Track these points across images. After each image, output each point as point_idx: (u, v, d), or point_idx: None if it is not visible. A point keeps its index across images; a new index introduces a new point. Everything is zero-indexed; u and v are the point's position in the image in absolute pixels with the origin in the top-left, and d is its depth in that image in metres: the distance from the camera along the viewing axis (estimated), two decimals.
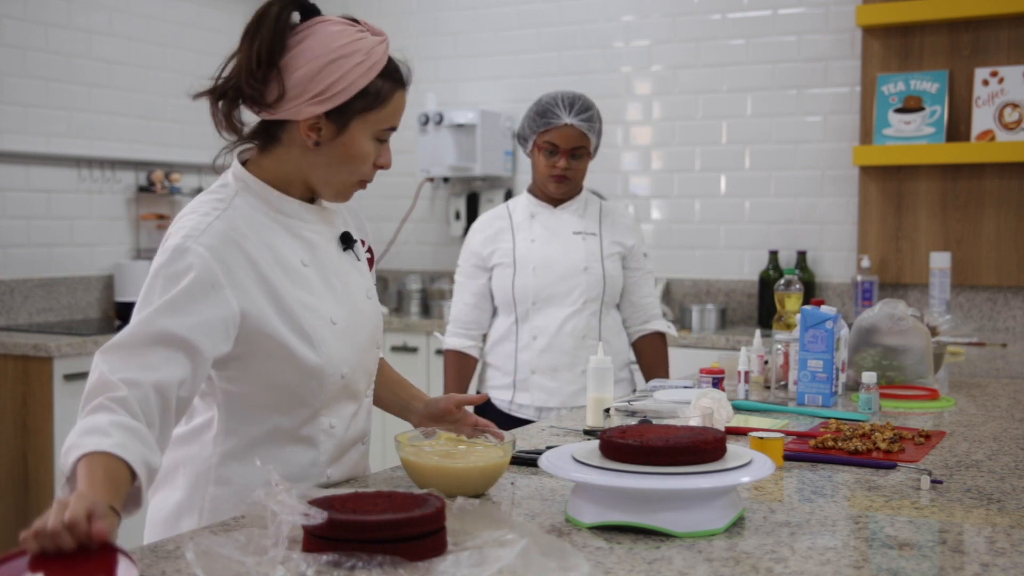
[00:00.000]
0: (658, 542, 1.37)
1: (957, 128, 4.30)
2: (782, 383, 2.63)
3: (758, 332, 2.83)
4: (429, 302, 5.11)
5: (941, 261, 4.18)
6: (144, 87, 4.85)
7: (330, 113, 1.61)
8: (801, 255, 4.56)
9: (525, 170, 5.11)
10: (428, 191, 5.35)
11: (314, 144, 1.63)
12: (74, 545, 1.19)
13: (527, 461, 1.79)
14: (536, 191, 3.07)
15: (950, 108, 4.30)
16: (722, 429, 1.73)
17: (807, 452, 1.89)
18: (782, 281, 2.97)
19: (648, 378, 3.12)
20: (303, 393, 1.65)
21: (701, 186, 4.84)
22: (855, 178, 4.54)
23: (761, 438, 1.78)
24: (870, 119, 4.43)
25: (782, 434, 1.82)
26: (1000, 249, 4.28)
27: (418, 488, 1.59)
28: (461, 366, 3.06)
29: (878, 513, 1.54)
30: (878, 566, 1.30)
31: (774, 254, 4.62)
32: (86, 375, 4.30)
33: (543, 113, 2.94)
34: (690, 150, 4.86)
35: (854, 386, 2.61)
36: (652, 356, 3.11)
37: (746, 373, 2.49)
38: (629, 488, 1.38)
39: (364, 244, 1.85)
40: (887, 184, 4.45)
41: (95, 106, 4.63)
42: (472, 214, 5.16)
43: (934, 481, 1.69)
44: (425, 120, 5.02)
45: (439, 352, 4.55)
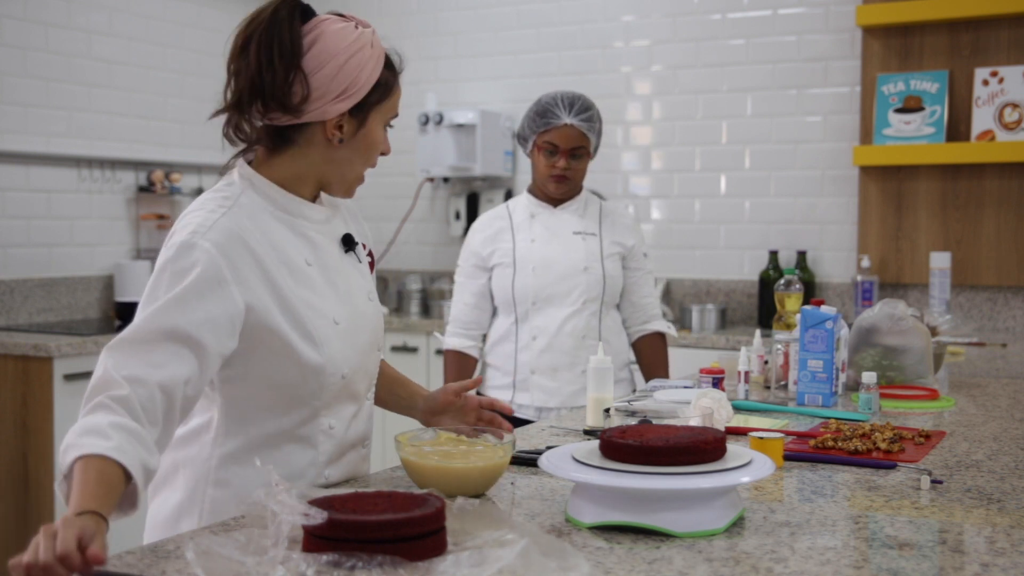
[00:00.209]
0: (658, 542, 1.37)
1: (957, 128, 4.30)
2: (782, 383, 2.63)
3: (758, 332, 2.83)
4: (429, 302, 5.11)
5: (941, 261, 4.18)
6: (144, 87, 4.85)
7: (352, 109, 1.64)
8: (801, 255, 4.56)
9: (525, 170, 5.11)
10: (428, 191, 5.35)
11: (338, 142, 1.65)
12: (66, 573, 1.17)
13: (527, 461, 1.79)
14: (536, 191, 3.07)
15: (950, 108, 4.30)
16: (722, 429, 1.73)
17: (807, 452, 1.89)
18: (782, 281, 2.97)
19: (648, 378, 3.12)
20: (303, 393, 1.66)
21: (701, 186, 4.84)
22: (855, 178, 4.54)
23: (761, 438, 1.78)
24: (870, 119, 4.43)
25: (782, 434, 1.82)
26: (1000, 249, 4.28)
27: (418, 488, 1.59)
28: (461, 366, 3.06)
29: (878, 513, 1.54)
30: (878, 566, 1.30)
31: (774, 254, 4.62)
32: (86, 375, 4.28)
33: (543, 113, 2.94)
34: (690, 150, 4.86)
35: (854, 386, 2.61)
36: (652, 356, 3.11)
37: (746, 373, 2.49)
38: (629, 488, 1.38)
39: (365, 248, 1.86)
40: (887, 184, 4.45)
41: (95, 106, 4.62)
42: (472, 214, 5.16)
43: (934, 481, 1.69)
44: (425, 120, 5.02)
45: (439, 352, 4.55)
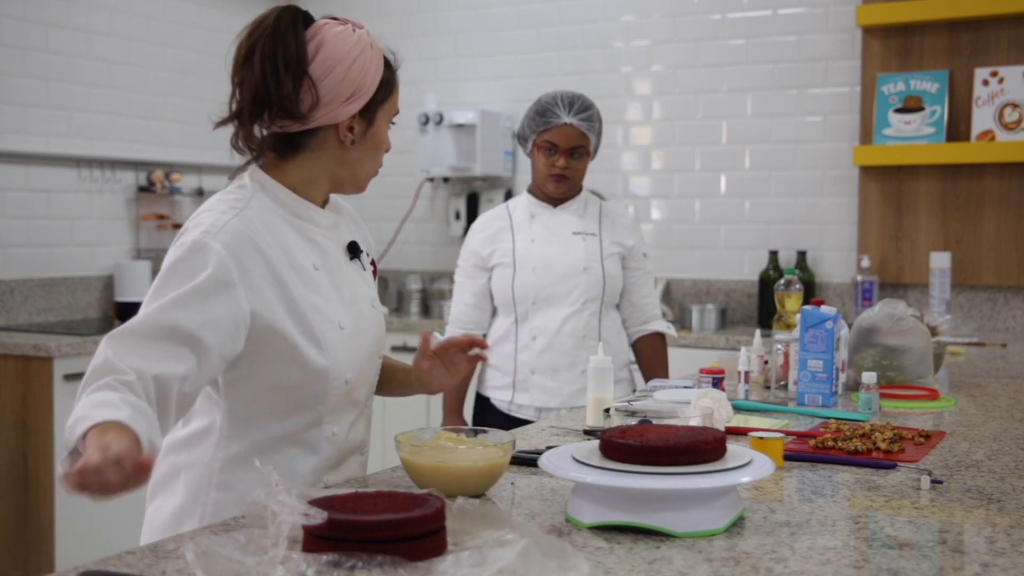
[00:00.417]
0: (658, 542, 1.37)
1: (957, 128, 4.30)
2: (782, 383, 2.62)
3: (758, 332, 2.83)
4: (429, 302, 5.11)
5: (941, 261, 4.18)
6: (144, 87, 4.85)
7: (361, 109, 1.68)
8: (801, 255, 4.56)
9: (525, 170, 5.11)
10: (428, 191, 5.35)
11: (350, 143, 1.69)
12: (118, 481, 1.21)
13: (527, 461, 1.79)
14: (536, 191, 3.07)
15: (950, 108, 4.30)
16: (722, 429, 1.73)
17: (807, 452, 1.89)
18: (782, 281, 2.97)
19: (647, 378, 3.12)
20: (307, 397, 1.67)
21: (701, 186, 4.84)
22: (855, 178, 4.54)
23: (761, 438, 1.78)
24: (870, 119, 4.43)
25: (782, 434, 1.82)
26: (1000, 249, 4.28)
27: (418, 488, 1.59)
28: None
29: (878, 513, 1.54)
30: (878, 566, 1.30)
31: (774, 254, 4.61)
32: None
33: (542, 112, 2.94)
34: (690, 150, 4.86)
35: (854, 386, 2.61)
36: (652, 356, 3.11)
37: (746, 373, 2.48)
38: (629, 488, 1.38)
39: (368, 256, 1.87)
40: (887, 184, 4.45)
41: (95, 106, 4.62)
42: (472, 214, 5.15)
43: (934, 481, 1.69)
44: (425, 120, 5.02)
45: None
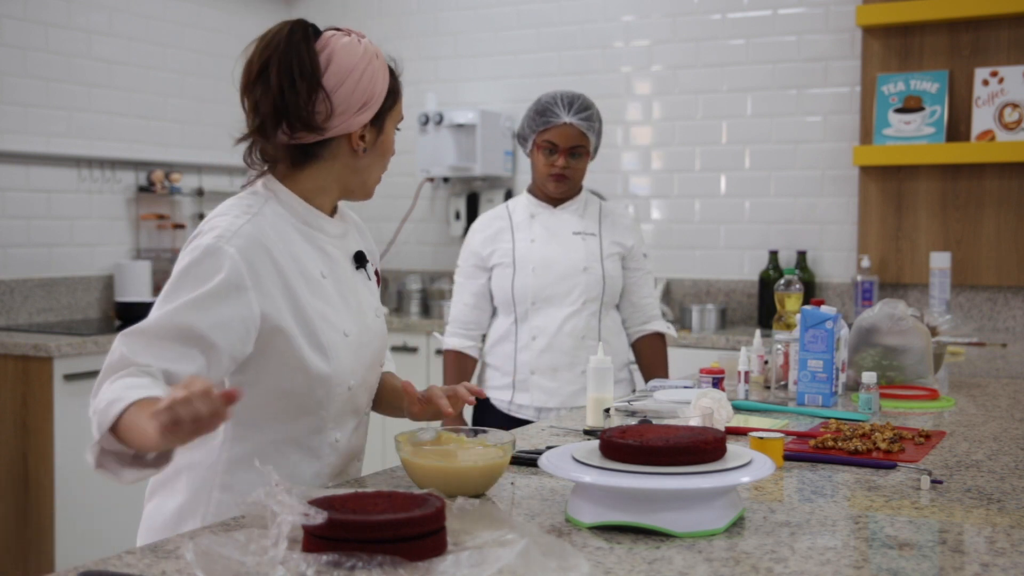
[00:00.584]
0: (658, 542, 1.37)
1: (957, 128, 4.30)
2: (782, 383, 2.62)
3: (758, 332, 2.83)
4: (429, 302, 5.11)
5: (941, 261, 4.18)
6: (144, 87, 4.85)
7: (373, 118, 1.71)
8: (801, 255, 4.56)
9: (525, 170, 5.11)
10: (428, 191, 5.35)
11: (363, 151, 1.72)
12: (208, 412, 1.27)
13: (527, 461, 1.79)
14: (536, 191, 3.07)
15: (950, 108, 4.30)
16: (722, 429, 1.73)
17: (807, 452, 1.89)
18: (782, 281, 2.97)
19: (647, 378, 3.12)
20: (310, 402, 1.69)
21: (701, 186, 4.83)
22: (855, 178, 4.54)
23: (761, 438, 1.78)
24: (870, 119, 4.43)
25: (782, 434, 1.82)
26: (1000, 249, 4.28)
27: (418, 488, 1.59)
28: (460, 366, 3.06)
29: (878, 513, 1.54)
30: (878, 566, 1.30)
31: (774, 254, 4.62)
32: (86, 375, 4.27)
33: (542, 112, 2.94)
34: (690, 150, 4.86)
35: (854, 386, 2.61)
36: (651, 356, 3.11)
37: (746, 373, 2.49)
38: (629, 488, 1.38)
39: (373, 267, 1.89)
40: (887, 184, 4.45)
41: (95, 106, 4.62)
42: (472, 214, 5.16)
43: (934, 481, 1.69)
44: (425, 120, 5.02)
45: (439, 352, 4.55)
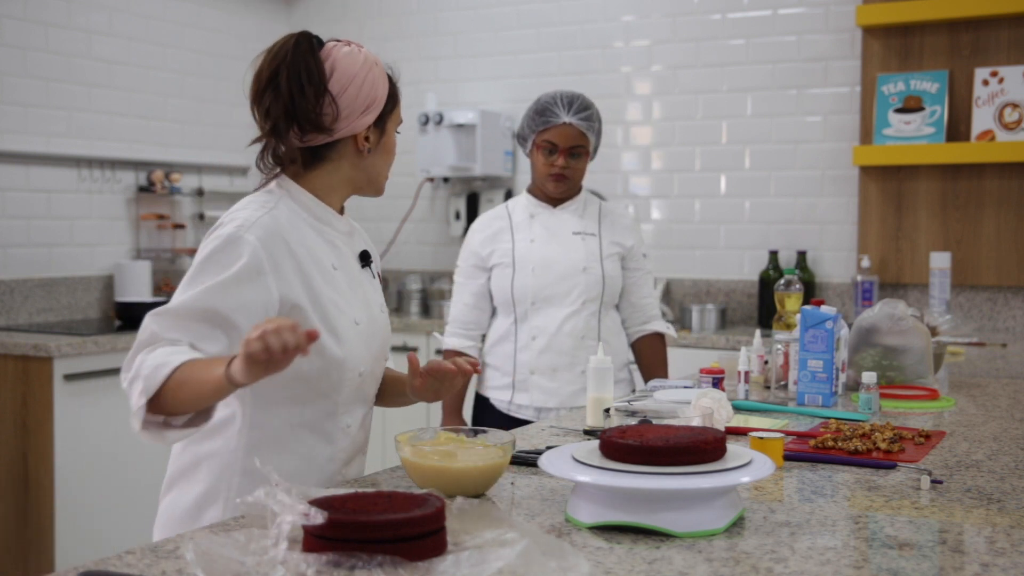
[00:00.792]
0: (658, 542, 1.37)
1: (957, 128, 4.30)
2: (782, 383, 2.62)
3: (758, 332, 2.83)
4: (429, 302, 5.11)
5: (941, 261, 4.18)
6: (144, 87, 4.85)
7: (375, 120, 1.83)
8: (801, 255, 4.56)
9: (525, 170, 5.11)
10: (428, 191, 5.35)
11: (368, 151, 1.84)
12: (295, 342, 1.42)
13: (527, 461, 1.79)
14: (535, 191, 3.07)
15: (950, 108, 4.30)
16: (722, 429, 1.73)
17: (807, 452, 1.89)
18: (782, 281, 2.97)
19: (647, 379, 3.11)
20: (324, 386, 1.78)
21: (701, 186, 4.83)
22: (855, 178, 4.54)
23: (761, 438, 1.78)
24: (870, 119, 4.43)
25: (782, 434, 1.82)
26: (1000, 249, 4.28)
27: (418, 488, 1.59)
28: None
29: (878, 513, 1.54)
30: (878, 566, 1.30)
31: (774, 254, 4.61)
32: (86, 375, 4.26)
33: (542, 112, 2.94)
34: (690, 150, 4.86)
35: (854, 386, 2.61)
36: (651, 357, 3.11)
37: (746, 373, 2.49)
38: (629, 488, 1.38)
39: (376, 267, 2.01)
40: (887, 184, 4.45)
41: (95, 106, 4.62)
42: (472, 214, 5.15)
43: (934, 481, 1.69)
44: (425, 120, 5.02)
45: (439, 352, 4.54)
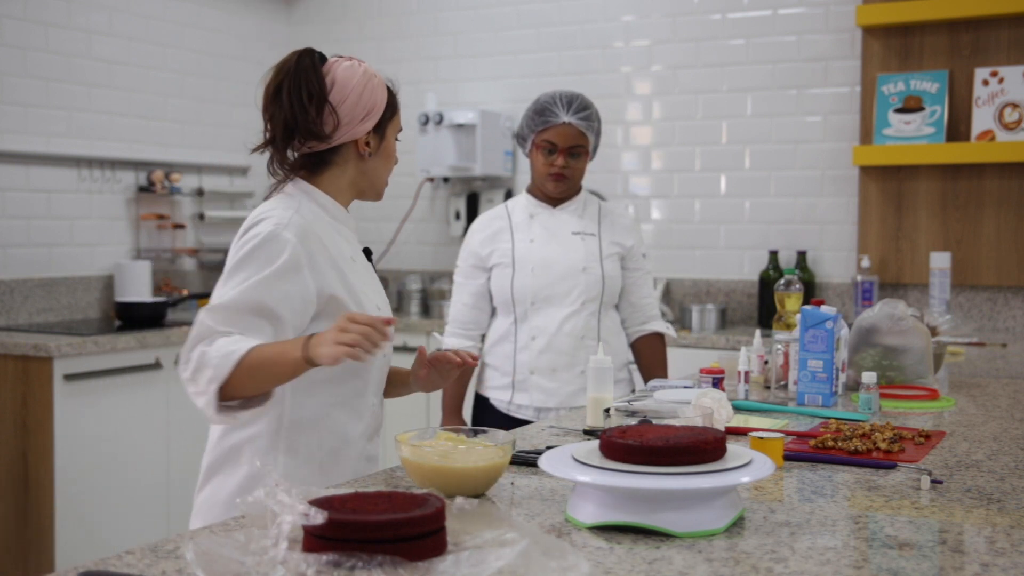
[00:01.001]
0: (658, 542, 1.37)
1: (957, 128, 4.30)
2: (782, 383, 2.62)
3: (758, 332, 2.83)
4: (429, 302, 5.11)
5: (941, 261, 4.18)
6: (144, 87, 4.85)
7: (374, 127, 1.98)
8: (801, 255, 4.56)
9: (525, 170, 5.11)
10: (428, 191, 5.35)
11: (368, 156, 2.00)
12: (381, 340, 1.67)
13: (527, 461, 1.79)
14: (535, 191, 3.07)
15: (950, 108, 4.30)
16: (722, 429, 1.73)
17: (807, 452, 1.89)
18: (782, 281, 2.97)
19: (647, 378, 3.11)
20: (357, 367, 1.95)
21: (701, 186, 4.83)
22: (855, 178, 4.54)
23: (761, 438, 1.78)
24: (870, 119, 4.43)
25: (782, 434, 1.82)
26: (1000, 249, 4.28)
27: (418, 488, 1.59)
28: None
29: (878, 513, 1.54)
30: (878, 566, 1.30)
31: (774, 254, 4.61)
32: (86, 375, 4.26)
33: (541, 112, 2.94)
34: (690, 150, 4.86)
35: (854, 386, 2.61)
36: (651, 356, 3.11)
37: (746, 373, 2.49)
38: (629, 488, 1.38)
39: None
40: (887, 184, 4.45)
41: (95, 106, 4.62)
42: (472, 214, 5.15)
43: (934, 481, 1.69)
44: (425, 120, 5.02)
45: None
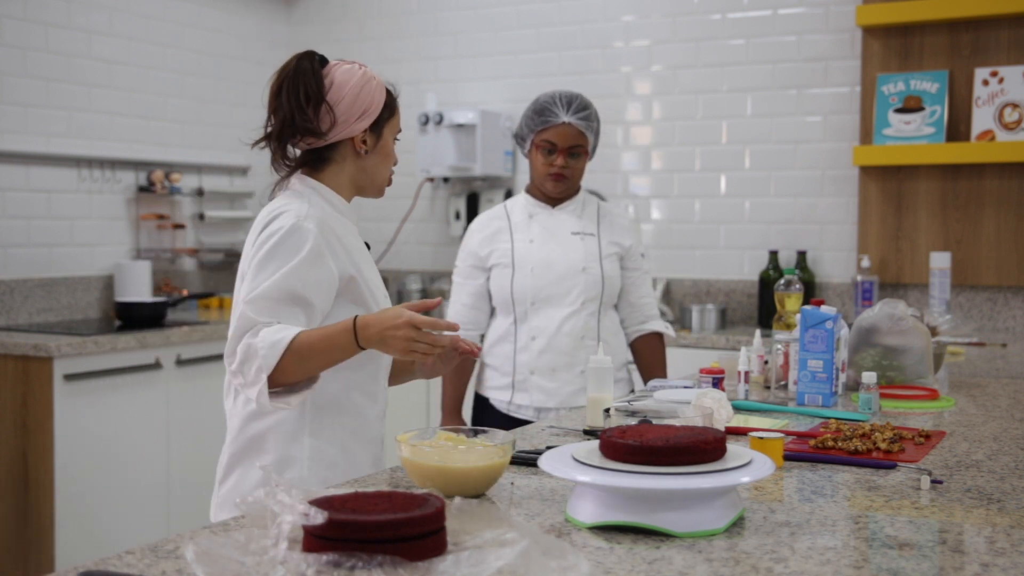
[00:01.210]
0: (658, 542, 1.37)
1: (957, 128, 4.30)
2: (782, 383, 2.62)
3: (758, 332, 2.83)
4: None
5: (941, 261, 4.18)
6: (144, 87, 4.85)
7: (371, 126, 2.06)
8: (801, 255, 4.56)
9: (525, 170, 5.11)
10: (428, 191, 5.35)
11: (364, 153, 2.08)
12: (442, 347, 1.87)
13: (527, 461, 1.79)
14: (534, 191, 3.07)
15: (950, 108, 4.30)
16: (722, 429, 1.73)
17: (807, 452, 1.89)
18: (782, 281, 2.96)
19: (646, 378, 3.11)
20: (374, 352, 1.98)
21: (701, 186, 4.83)
22: (855, 178, 4.54)
23: (761, 438, 1.78)
24: (870, 119, 4.43)
25: (782, 434, 1.82)
26: (1000, 249, 4.28)
27: (418, 488, 1.59)
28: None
29: (878, 513, 1.54)
30: (878, 566, 1.30)
31: (774, 254, 4.61)
32: (86, 375, 4.27)
33: (541, 112, 2.94)
34: (690, 150, 4.86)
35: (854, 386, 2.61)
36: (650, 356, 3.11)
37: (746, 373, 2.49)
38: (629, 488, 1.38)
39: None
40: (887, 184, 4.45)
41: (95, 106, 4.62)
42: (472, 214, 5.15)
43: (934, 481, 1.69)
44: (425, 120, 5.02)
45: None
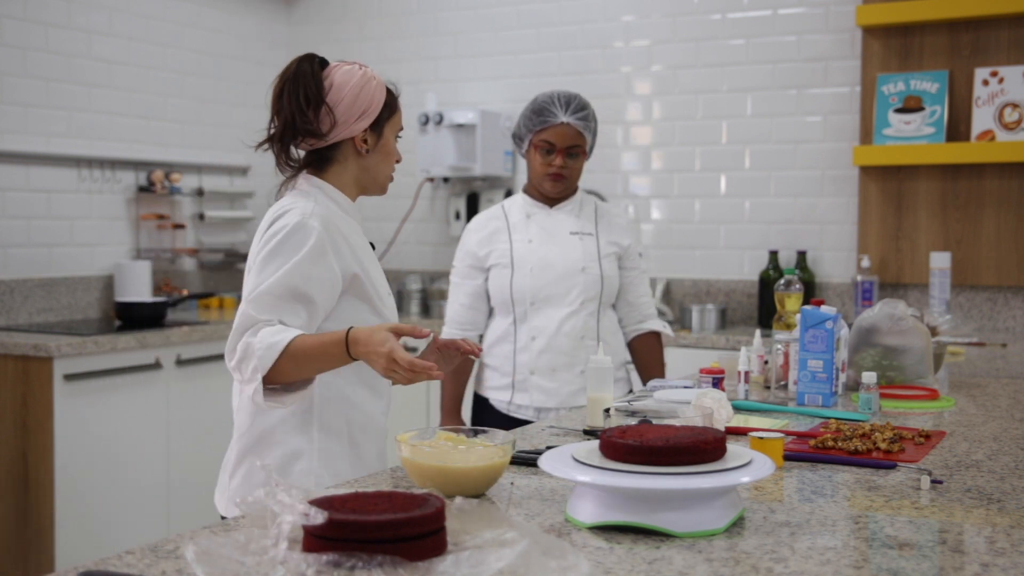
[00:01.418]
0: (658, 542, 1.37)
1: (957, 128, 4.30)
2: (782, 383, 2.62)
3: (758, 332, 2.83)
4: (429, 302, 5.11)
5: (941, 261, 4.18)
6: (144, 87, 4.85)
7: (371, 125, 2.10)
8: (801, 255, 4.56)
9: (525, 170, 5.10)
10: (428, 191, 5.36)
11: (365, 152, 2.12)
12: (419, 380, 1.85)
13: (527, 461, 1.79)
14: (532, 191, 3.07)
15: (950, 108, 4.30)
16: (722, 429, 1.73)
17: (807, 452, 1.89)
18: (782, 281, 2.96)
19: (644, 378, 3.11)
20: None
21: (701, 186, 4.83)
22: (855, 178, 4.54)
23: (761, 438, 1.78)
24: (870, 119, 4.43)
25: (782, 434, 1.82)
26: (1000, 249, 4.28)
27: (418, 488, 1.59)
28: (458, 366, 3.06)
29: (878, 513, 1.54)
30: (878, 566, 1.30)
31: (774, 254, 4.61)
32: (86, 375, 4.27)
33: (539, 112, 2.94)
34: (690, 150, 4.86)
35: (854, 386, 2.61)
36: (648, 356, 3.11)
37: (746, 373, 2.48)
38: (629, 488, 1.38)
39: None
40: (887, 184, 4.45)
41: (95, 106, 4.62)
42: (472, 214, 5.15)
43: (934, 481, 1.69)
44: (425, 120, 5.02)
45: None
